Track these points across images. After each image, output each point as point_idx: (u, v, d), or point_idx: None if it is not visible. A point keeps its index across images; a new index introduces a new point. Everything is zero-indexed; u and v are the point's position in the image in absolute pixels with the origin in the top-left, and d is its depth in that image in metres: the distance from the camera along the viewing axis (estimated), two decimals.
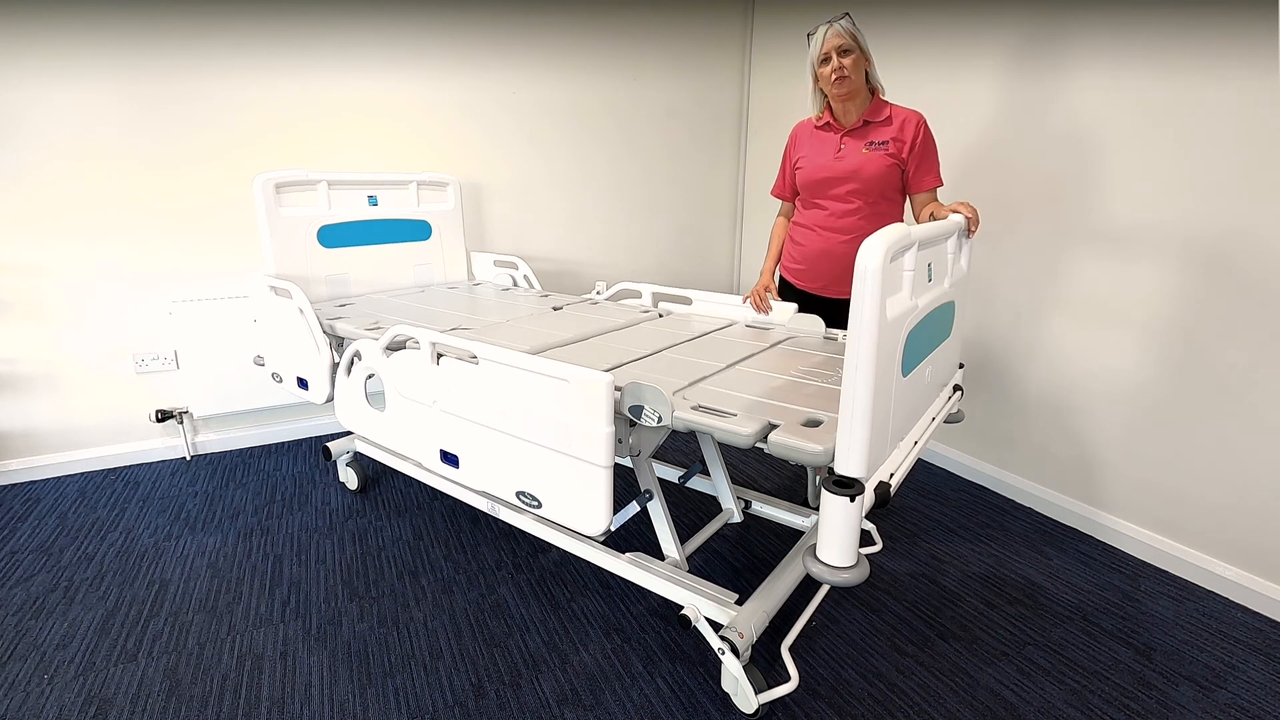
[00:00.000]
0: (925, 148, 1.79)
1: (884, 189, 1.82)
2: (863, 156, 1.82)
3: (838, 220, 1.88)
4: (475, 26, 2.67)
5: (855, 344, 0.97)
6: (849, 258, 1.83)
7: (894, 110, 1.81)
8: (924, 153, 1.79)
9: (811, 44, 1.77)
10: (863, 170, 1.81)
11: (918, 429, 1.33)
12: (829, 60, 1.74)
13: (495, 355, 1.33)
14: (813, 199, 1.93)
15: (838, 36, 1.72)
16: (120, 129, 2.23)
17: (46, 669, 1.50)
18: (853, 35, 1.72)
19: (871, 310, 0.95)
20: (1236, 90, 1.64)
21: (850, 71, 1.74)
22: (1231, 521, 1.78)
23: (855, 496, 0.99)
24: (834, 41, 1.72)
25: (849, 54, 1.72)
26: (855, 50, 1.73)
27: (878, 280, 0.94)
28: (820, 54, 1.75)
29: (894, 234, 0.98)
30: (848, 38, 1.72)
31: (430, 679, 1.48)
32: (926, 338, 1.28)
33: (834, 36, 1.72)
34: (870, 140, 1.81)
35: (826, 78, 1.76)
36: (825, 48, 1.73)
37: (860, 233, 1.85)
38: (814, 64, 1.79)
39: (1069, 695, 1.46)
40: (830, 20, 1.74)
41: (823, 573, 1.05)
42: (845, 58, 1.72)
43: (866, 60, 1.77)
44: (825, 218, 1.90)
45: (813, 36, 1.77)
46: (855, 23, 1.75)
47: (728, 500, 2.00)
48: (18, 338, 2.26)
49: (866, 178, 1.81)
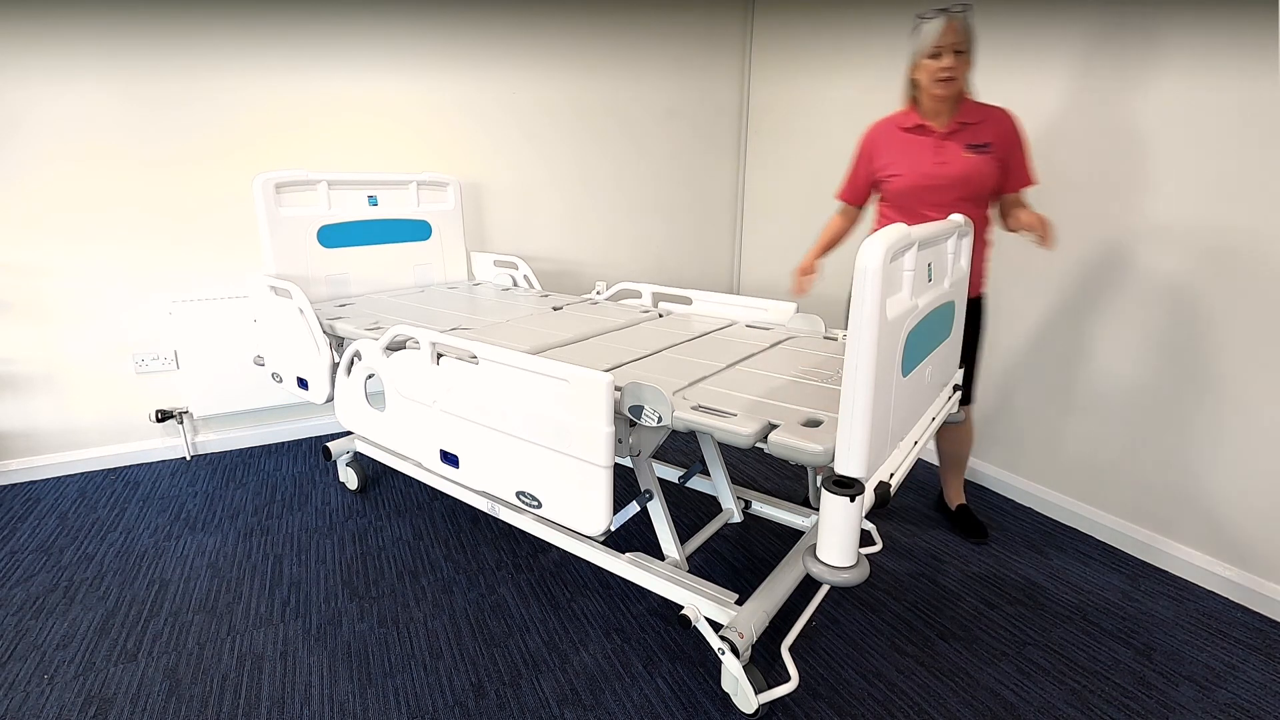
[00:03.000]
0: (1018, 146, 1.71)
1: (991, 192, 1.74)
2: (968, 161, 1.70)
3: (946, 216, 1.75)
4: (475, 26, 2.67)
5: (855, 344, 0.97)
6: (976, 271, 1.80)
7: (984, 109, 1.71)
8: (1018, 150, 1.71)
9: (922, 32, 1.61)
10: (973, 176, 1.70)
11: (918, 429, 1.33)
12: (940, 56, 1.60)
13: (495, 355, 1.33)
14: (914, 207, 1.79)
15: (955, 33, 1.57)
16: (120, 129, 2.23)
17: (46, 669, 1.50)
18: (969, 33, 1.59)
19: (872, 310, 0.95)
20: (1239, 91, 1.64)
21: (959, 73, 1.61)
22: (1231, 521, 1.78)
23: (855, 497, 0.99)
24: (951, 38, 1.57)
25: (962, 53, 1.59)
26: (967, 51, 1.60)
27: (878, 280, 0.94)
28: (933, 46, 1.60)
29: (894, 234, 0.98)
30: (965, 35, 1.58)
31: (430, 679, 1.49)
32: (927, 338, 1.28)
33: (952, 32, 1.57)
34: (969, 143, 1.70)
35: (932, 74, 1.62)
36: (941, 41, 1.58)
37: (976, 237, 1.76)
38: (920, 55, 1.64)
39: (1069, 695, 1.46)
40: (949, 10, 1.57)
41: (823, 573, 1.04)
42: (958, 57, 1.59)
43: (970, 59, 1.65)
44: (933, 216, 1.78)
45: (925, 23, 1.61)
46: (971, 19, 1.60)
47: (728, 500, 2.00)
48: (18, 338, 2.26)
49: (978, 183, 1.70)
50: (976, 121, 1.71)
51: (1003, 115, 1.70)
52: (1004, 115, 1.70)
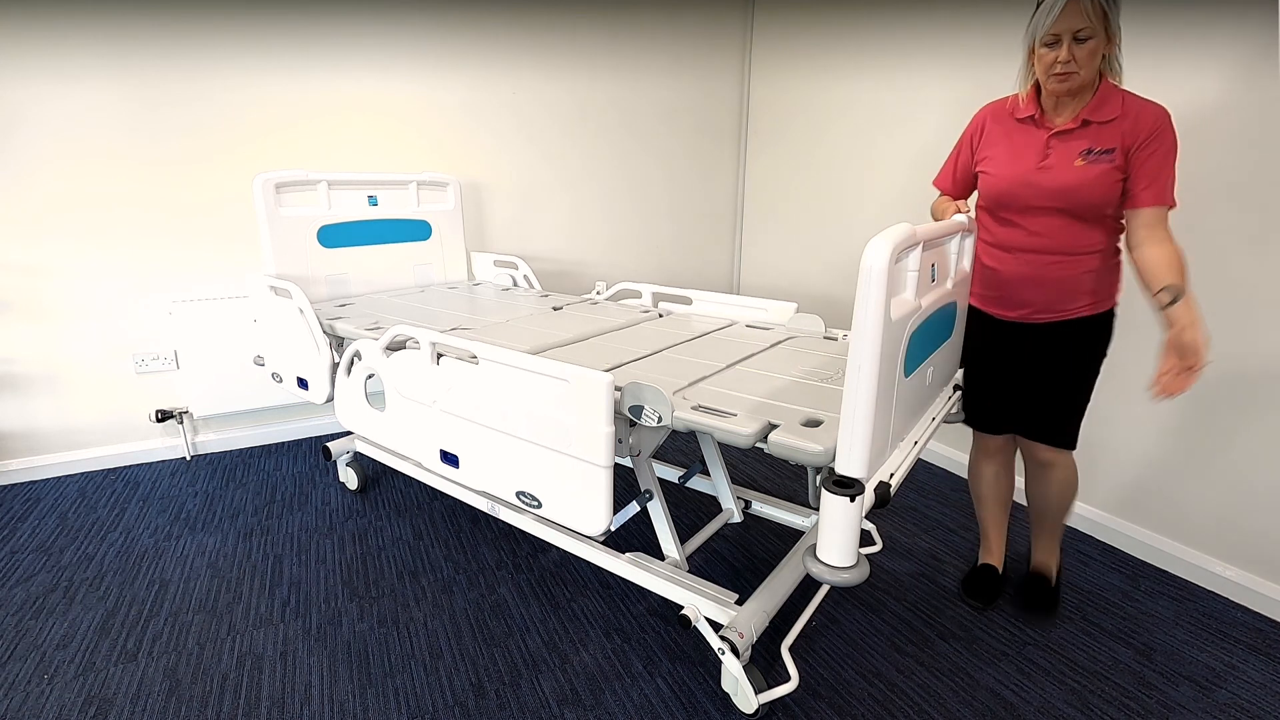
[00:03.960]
0: (1154, 152, 1.33)
1: (1104, 209, 1.40)
2: (1076, 171, 1.38)
3: (1047, 240, 1.46)
4: (475, 26, 2.67)
5: (858, 344, 0.97)
6: (1070, 281, 1.47)
7: (1128, 103, 1.34)
8: (1150, 156, 1.33)
9: (1041, 10, 1.31)
10: (1077, 191, 1.39)
11: (918, 429, 1.33)
12: (1058, 44, 1.30)
13: (495, 355, 1.33)
14: (1008, 215, 1.51)
15: (1079, 16, 1.26)
16: (120, 128, 2.23)
17: (46, 669, 1.50)
18: (1104, 12, 1.27)
19: (876, 311, 0.95)
20: (1236, 88, 1.64)
21: (1081, 65, 1.30)
22: (1231, 521, 1.78)
23: (855, 497, 0.99)
24: (1072, 21, 1.27)
25: (1087, 41, 1.28)
26: (1098, 35, 1.28)
27: (882, 281, 0.93)
28: (1049, 32, 1.30)
29: (899, 234, 0.98)
30: (1093, 19, 1.26)
31: (430, 679, 1.48)
32: (929, 338, 1.28)
33: (1074, 14, 1.27)
34: (1089, 148, 1.37)
35: (1048, 65, 1.33)
36: (1058, 26, 1.28)
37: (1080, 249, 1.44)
38: (1035, 40, 1.34)
39: (1069, 695, 1.46)
40: None
41: (823, 573, 1.04)
42: (1081, 46, 1.29)
43: (1109, 43, 1.31)
44: (1027, 238, 1.48)
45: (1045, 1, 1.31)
46: None
47: (728, 500, 2.00)
48: (18, 338, 2.26)
49: (1081, 201, 1.39)
50: (1108, 120, 1.35)
51: (1148, 113, 1.33)
52: (1150, 114, 1.33)
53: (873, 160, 2.70)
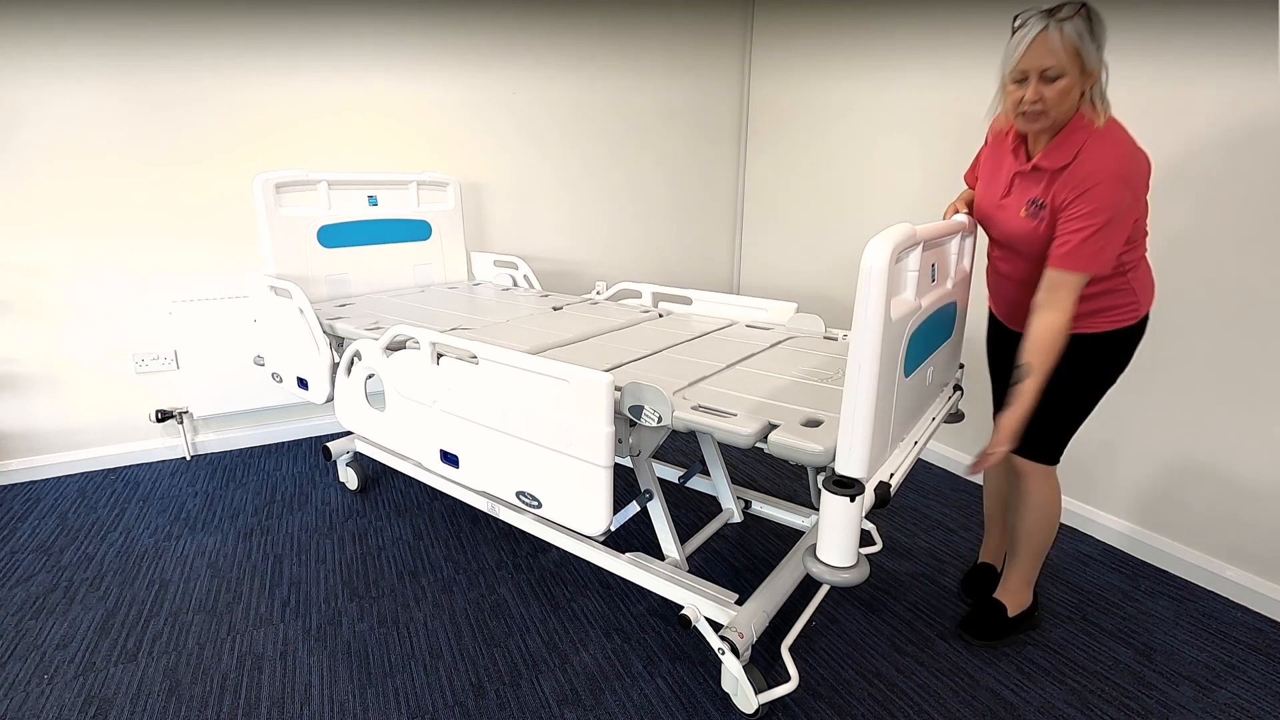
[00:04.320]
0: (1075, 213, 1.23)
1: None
2: (1020, 220, 1.34)
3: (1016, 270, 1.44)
4: (476, 26, 2.67)
5: (858, 344, 0.97)
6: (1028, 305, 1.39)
7: (1083, 151, 1.22)
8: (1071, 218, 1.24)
9: (1012, 43, 1.20)
10: (1021, 240, 1.36)
11: (918, 429, 1.33)
12: (1026, 81, 1.20)
13: (495, 355, 1.33)
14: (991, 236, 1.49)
15: (1046, 54, 1.15)
16: (120, 128, 2.23)
17: (46, 669, 1.50)
18: (1076, 49, 1.14)
19: (875, 311, 0.95)
20: (1234, 89, 1.64)
21: (1051, 106, 1.20)
22: (1231, 521, 1.78)
23: (855, 497, 0.99)
24: (1039, 59, 1.17)
25: (1057, 80, 1.17)
26: (1069, 74, 1.17)
27: (882, 281, 0.93)
28: (1016, 69, 1.20)
29: (899, 234, 0.98)
30: (1065, 55, 1.15)
31: (430, 679, 1.48)
32: (929, 338, 1.28)
33: (1041, 52, 1.16)
34: (1035, 197, 1.31)
35: (1014, 103, 1.24)
36: (1025, 63, 1.18)
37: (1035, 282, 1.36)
38: (1003, 76, 1.25)
39: (1069, 695, 1.46)
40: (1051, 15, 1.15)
41: (823, 573, 1.04)
42: (1050, 86, 1.18)
43: (1087, 77, 1.19)
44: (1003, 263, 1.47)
45: (1017, 31, 1.20)
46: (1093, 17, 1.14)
47: (728, 500, 2.00)
48: (18, 338, 2.26)
49: (1028, 251, 1.36)
50: (1057, 168, 1.26)
51: (1084, 170, 1.21)
52: (1087, 170, 1.21)
53: (873, 160, 2.70)
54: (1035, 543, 1.58)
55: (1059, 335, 1.28)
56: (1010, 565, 1.64)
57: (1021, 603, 1.64)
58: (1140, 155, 1.23)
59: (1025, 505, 1.56)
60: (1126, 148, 1.22)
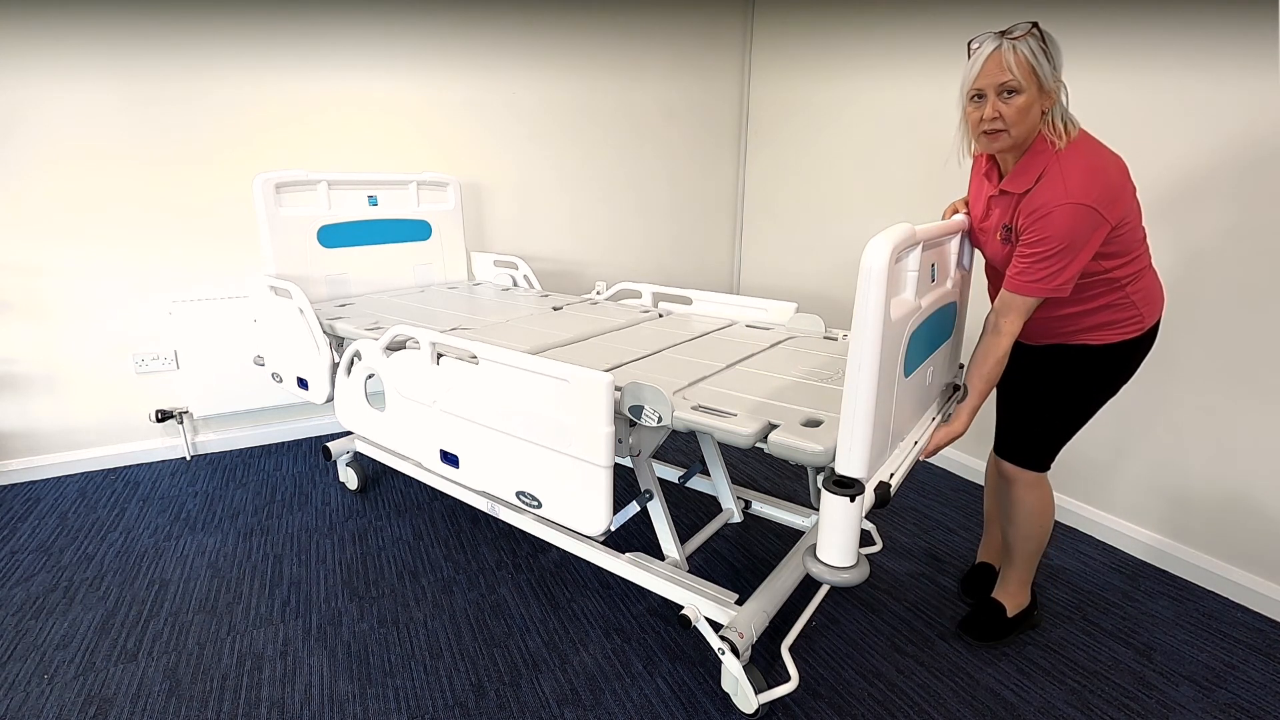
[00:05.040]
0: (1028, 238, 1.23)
1: None
2: (997, 244, 1.36)
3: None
4: (476, 26, 2.67)
5: (858, 344, 0.96)
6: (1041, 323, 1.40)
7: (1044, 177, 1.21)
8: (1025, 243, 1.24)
9: (967, 65, 1.20)
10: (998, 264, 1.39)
11: (918, 429, 1.33)
12: (982, 99, 1.20)
13: (495, 355, 1.33)
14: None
15: (1001, 70, 1.15)
16: (120, 128, 2.23)
17: (46, 669, 1.50)
18: (1031, 67, 1.14)
19: (875, 311, 0.94)
20: (1236, 89, 1.64)
21: (1010, 123, 1.18)
22: (1231, 521, 1.78)
23: (855, 497, 0.99)
24: (994, 75, 1.16)
25: (1015, 95, 1.16)
26: (1027, 90, 1.16)
27: (882, 280, 0.93)
28: (972, 87, 1.20)
29: (899, 233, 0.98)
30: (1019, 71, 1.14)
31: (430, 679, 1.48)
32: (929, 338, 1.28)
33: (995, 68, 1.16)
34: (1006, 223, 1.31)
35: (974, 123, 1.23)
36: (981, 81, 1.18)
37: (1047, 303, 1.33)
38: (963, 97, 1.24)
39: (1069, 695, 1.46)
40: (1004, 35, 1.16)
41: (822, 573, 1.04)
42: (1008, 101, 1.17)
43: (1045, 97, 1.18)
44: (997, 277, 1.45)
45: (973, 51, 1.20)
46: (1046, 38, 1.15)
47: (728, 500, 2.00)
48: (18, 338, 2.26)
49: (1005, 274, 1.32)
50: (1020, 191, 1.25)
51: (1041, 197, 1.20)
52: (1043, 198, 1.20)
53: (873, 160, 2.70)
54: (1029, 547, 1.58)
55: (999, 359, 1.31)
56: (1006, 567, 1.64)
57: (1020, 603, 1.64)
58: (1105, 174, 1.19)
59: (1015, 510, 1.55)
60: (1086, 171, 1.18)
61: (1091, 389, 1.43)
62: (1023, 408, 1.50)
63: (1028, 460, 1.51)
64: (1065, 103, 1.22)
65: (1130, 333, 1.37)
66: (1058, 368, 1.44)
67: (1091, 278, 1.30)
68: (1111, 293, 1.33)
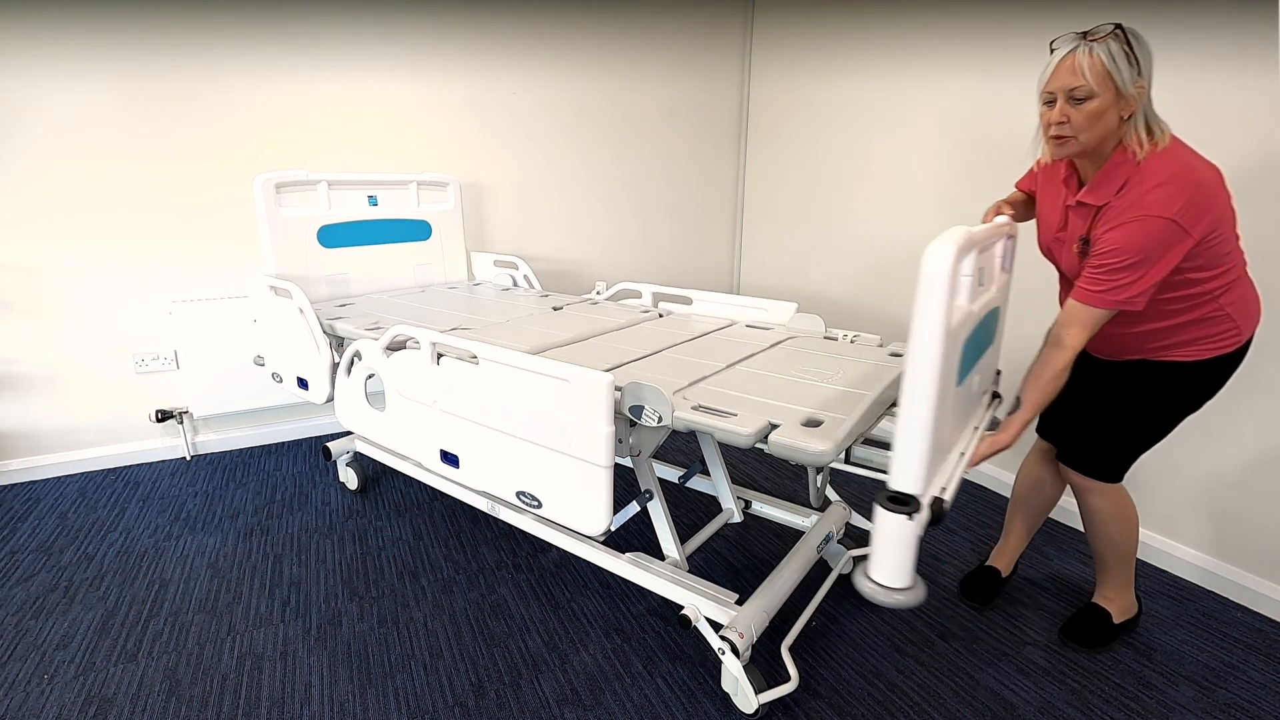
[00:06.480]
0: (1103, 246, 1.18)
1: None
2: (1073, 258, 1.31)
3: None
4: (476, 27, 2.67)
5: (919, 353, 0.91)
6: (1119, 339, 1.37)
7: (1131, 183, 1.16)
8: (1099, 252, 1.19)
9: (1046, 64, 1.17)
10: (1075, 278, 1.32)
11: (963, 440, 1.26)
12: (1053, 102, 1.17)
13: (495, 355, 1.33)
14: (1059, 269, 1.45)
15: (1073, 74, 1.12)
16: (120, 128, 2.23)
17: (46, 669, 1.50)
18: (1107, 71, 1.10)
19: (938, 318, 0.89)
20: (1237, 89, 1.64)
21: (1079, 129, 1.15)
22: (1231, 521, 1.78)
23: (913, 514, 0.94)
24: (1064, 79, 1.13)
25: (1085, 102, 1.13)
26: (1101, 96, 1.12)
27: (945, 286, 0.88)
28: (1044, 90, 1.18)
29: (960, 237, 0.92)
30: (1092, 76, 1.11)
31: (430, 679, 1.48)
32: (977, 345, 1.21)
33: (1067, 72, 1.13)
34: (1085, 235, 1.26)
35: (1045, 125, 1.21)
36: (1052, 84, 1.16)
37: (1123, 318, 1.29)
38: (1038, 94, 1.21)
39: (1069, 695, 1.46)
40: (1083, 37, 1.12)
41: (875, 593, 0.99)
42: (1079, 105, 1.14)
43: (1124, 102, 1.14)
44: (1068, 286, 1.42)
45: (1052, 51, 1.17)
46: (1132, 40, 1.10)
47: (728, 500, 2.00)
48: (18, 338, 2.26)
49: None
50: (1099, 204, 1.21)
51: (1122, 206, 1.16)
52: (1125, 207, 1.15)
53: (873, 159, 2.70)
54: (1115, 551, 1.56)
55: (1058, 373, 1.26)
56: (1100, 573, 1.63)
57: (1124, 608, 1.62)
58: (1191, 186, 1.13)
59: (1092, 520, 1.54)
60: (1168, 183, 1.12)
61: (1178, 405, 1.38)
62: (1100, 422, 1.44)
63: (1100, 472, 1.48)
64: (1152, 108, 1.17)
65: (1226, 347, 1.31)
66: (1142, 384, 1.37)
67: (1179, 291, 1.24)
68: (1204, 305, 1.27)
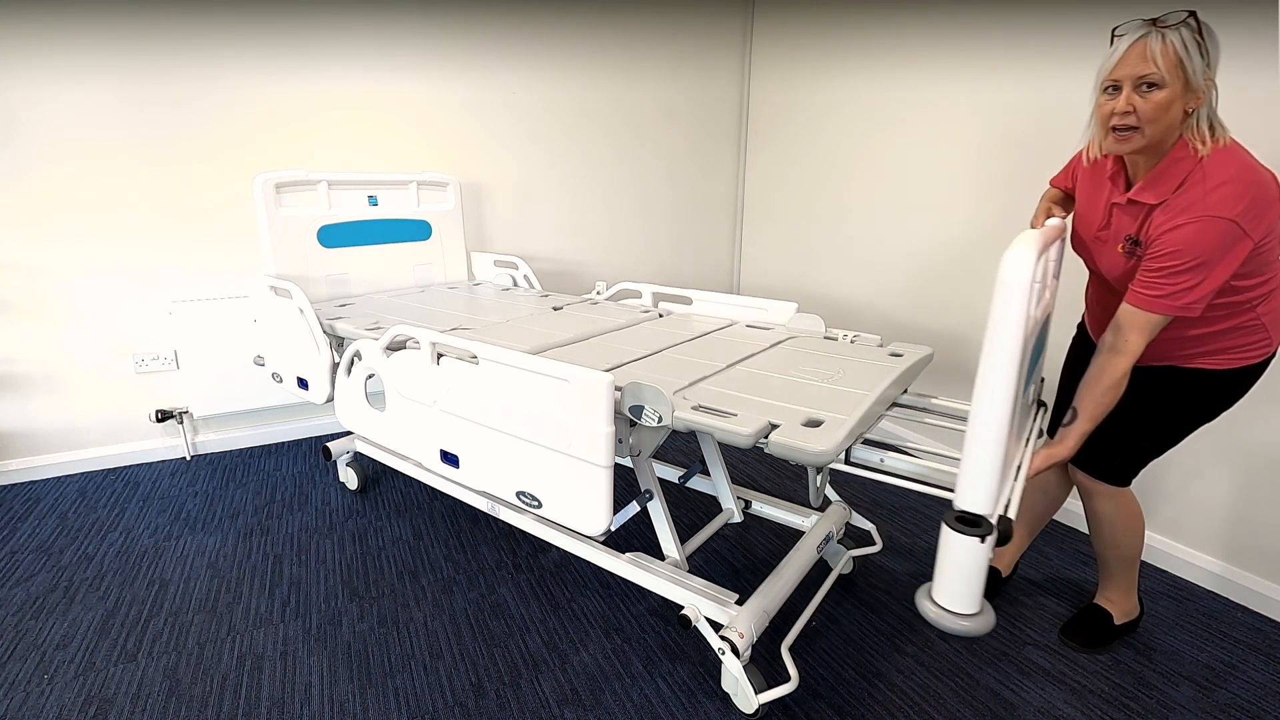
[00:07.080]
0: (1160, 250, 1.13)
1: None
2: (1118, 257, 1.25)
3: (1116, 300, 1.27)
4: (476, 26, 2.67)
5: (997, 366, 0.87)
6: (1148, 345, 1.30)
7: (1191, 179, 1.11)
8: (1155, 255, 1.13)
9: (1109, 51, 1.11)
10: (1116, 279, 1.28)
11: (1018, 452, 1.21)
12: (1118, 90, 1.10)
13: (495, 355, 1.33)
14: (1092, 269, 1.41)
15: (1144, 60, 1.05)
16: (120, 128, 2.23)
17: (46, 669, 1.50)
18: (1179, 60, 1.04)
19: (1018, 328, 0.85)
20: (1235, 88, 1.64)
21: (1145, 121, 1.08)
22: (1231, 521, 1.78)
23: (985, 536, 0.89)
24: (1135, 66, 1.06)
25: (1156, 90, 1.06)
26: (1170, 86, 1.06)
27: (1025, 295, 0.84)
28: (1108, 77, 1.11)
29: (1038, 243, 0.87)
30: (1164, 64, 1.04)
31: (430, 679, 1.49)
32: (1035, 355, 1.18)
33: (1137, 57, 1.06)
34: (1131, 234, 1.20)
35: (1105, 116, 1.13)
36: (1119, 70, 1.08)
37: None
38: (1096, 87, 1.14)
39: (1069, 695, 1.46)
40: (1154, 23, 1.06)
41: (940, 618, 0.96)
42: (1146, 95, 1.07)
43: (1192, 96, 1.08)
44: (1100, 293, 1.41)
45: (1116, 38, 1.10)
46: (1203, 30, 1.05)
47: (728, 500, 1.99)
48: (18, 338, 2.26)
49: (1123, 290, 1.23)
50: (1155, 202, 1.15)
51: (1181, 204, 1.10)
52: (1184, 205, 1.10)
53: (873, 159, 2.70)
54: (1119, 554, 1.54)
55: (1117, 383, 1.20)
56: (1102, 575, 1.62)
57: (1127, 610, 1.62)
58: (1257, 185, 1.08)
59: (1096, 523, 1.52)
60: (1233, 181, 1.07)
61: (1200, 413, 1.35)
62: (1115, 425, 1.36)
63: (1110, 475, 1.45)
64: (1215, 103, 1.11)
65: (1254, 357, 1.28)
66: (1164, 391, 1.33)
67: (1222, 298, 1.20)
68: (1242, 314, 1.23)
